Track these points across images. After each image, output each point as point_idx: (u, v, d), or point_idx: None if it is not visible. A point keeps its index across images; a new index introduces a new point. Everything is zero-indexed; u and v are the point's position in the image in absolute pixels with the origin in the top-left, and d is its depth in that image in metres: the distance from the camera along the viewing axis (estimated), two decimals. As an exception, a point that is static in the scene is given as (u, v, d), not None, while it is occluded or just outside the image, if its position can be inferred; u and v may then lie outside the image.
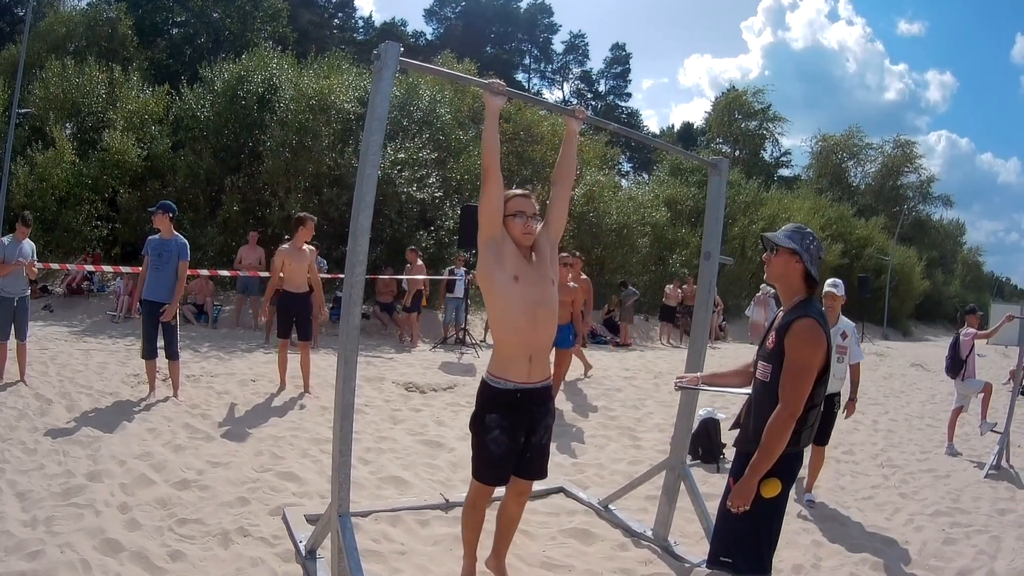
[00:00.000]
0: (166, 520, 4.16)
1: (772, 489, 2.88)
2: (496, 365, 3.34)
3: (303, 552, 3.75)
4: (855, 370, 5.86)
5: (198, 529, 4.07)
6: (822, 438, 5.57)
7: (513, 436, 3.30)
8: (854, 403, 5.92)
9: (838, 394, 5.63)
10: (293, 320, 8.04)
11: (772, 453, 2.82)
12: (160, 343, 7.14)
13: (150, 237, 7.20)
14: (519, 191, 3.44)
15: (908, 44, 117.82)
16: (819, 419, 3.06)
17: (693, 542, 4.56)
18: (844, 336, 5.67)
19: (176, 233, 7.23)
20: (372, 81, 3.10)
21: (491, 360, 3.39)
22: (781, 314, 3.05)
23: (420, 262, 13.36)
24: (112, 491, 4.50)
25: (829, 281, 5.63)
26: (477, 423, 3.36)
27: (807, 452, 4.69)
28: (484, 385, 3.37)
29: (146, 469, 4.93)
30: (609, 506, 4.94)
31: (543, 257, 3.41)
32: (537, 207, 3.42)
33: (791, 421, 2.81)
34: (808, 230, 3.07)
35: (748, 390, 3.18)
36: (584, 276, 7.91)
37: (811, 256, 3.01)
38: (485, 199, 3.27)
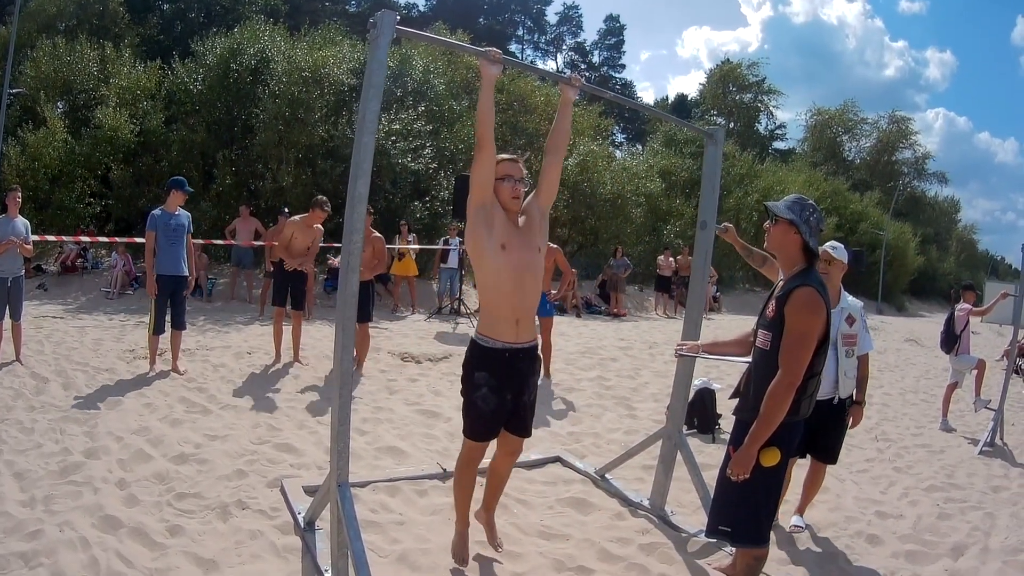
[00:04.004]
0: (164, 495, 4.16)
1: (771, 458, 2.89)
2: (484, 326, 3.39)
3: (302, 524, 3.76)
4: (863, 363, 4.56)
5: (196, 503, 4.08)
6: (828, 454, 4.48)
7: (501, 394, 3.36)
8: (861, 407, 4.59)
9: (851, 398, 4.45)
10: (288, 289, 8.06)
11: (772, 422, 2.83)
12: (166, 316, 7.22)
13: (153, 212, 7.19)
14: (507, 155, 3.46)
15: (908, 22, 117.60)
16: (818, 389, 3.05)
17: (690, 511, 4.59)
18: (851, 321, 4.38)
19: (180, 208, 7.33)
20: (368, 50, 3.07)
21: (479, 321, 3.46)
22: (781, 283, 3.04)
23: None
24: (110, 467, 4.50)
25: (828, 244, 4.37)
26: (467, 381, 3.42)
27: (803, 469, 4.67)
28: (473, 344, 3.43)
29: (143, 444, 4.93)
30: (606, 475, 4.97)
31: (531, 224, 3.45)
32: (525, 172, 3.47)
33: (791, 389, 2.81)
34: (809, 202, 3.04)
35: (748, 359, 3.18)
36: (553, 244, 7.77)
37: (810, 228, 2.98)
38: (477, 166, 3.29)
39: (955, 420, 8.16)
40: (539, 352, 3.59)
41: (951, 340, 8.10)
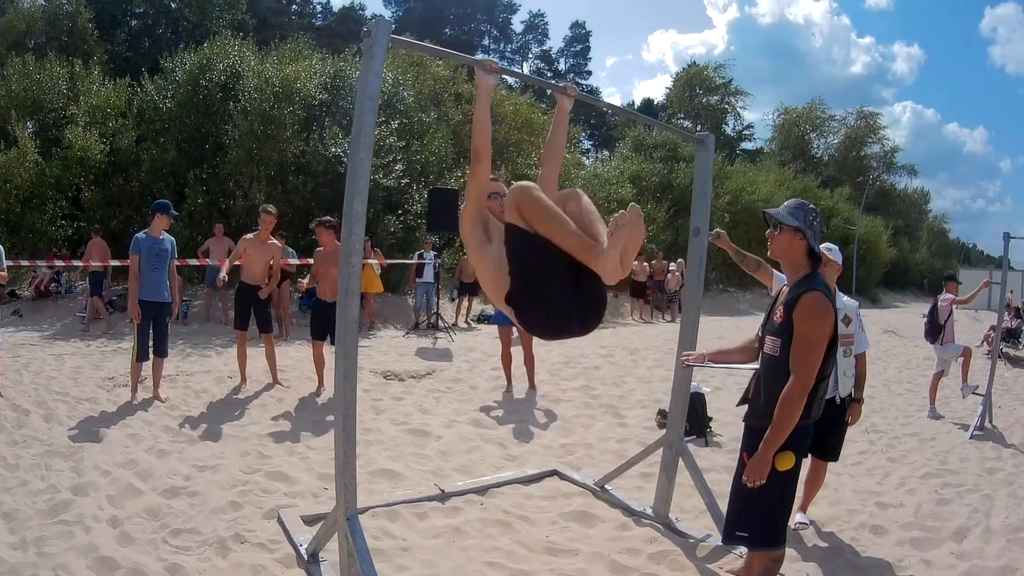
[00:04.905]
0: (159, 532, 4.00)
1: (786, 462, 2.91)
2: None
3: (305, 556, 3.64)
4: (861, 361, 4.67)
5: (193, 539, 3.93)
6: (830, 452, 4.56)
7: None
8: (859, 405, 4.62)
9: (850, 396, 4.56)
10: (249, 311, 7.85)
11: (786, 427, 2.84)
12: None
13: (138, 235, 7.02)
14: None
15: (875, 17, 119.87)
16: (827, 391, 3.05)
17: (693, 517, 4.58)
18: (847, 321, 4.43)
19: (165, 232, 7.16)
20: (362, 60, 2.98)
21: None
22: (786, 289, 3.03)
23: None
24: (100, 504, 4.32)
25: (823, 245, 4.05)
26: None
27: (804, 467, 4.71)
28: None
29: (132, 478, 4.76)
30: (605, 486, 4.92)
31: None
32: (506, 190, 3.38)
33: (804, 393, 2.82)
34: (811, 206, 3.04)
35: (755, 366, 3.17)
36: None
37: (814, 232, 3.00)
38: (475, 178, 3.18)
39: (942, 407, 8.28)
40: None
41: (936, 330, 8.22)
